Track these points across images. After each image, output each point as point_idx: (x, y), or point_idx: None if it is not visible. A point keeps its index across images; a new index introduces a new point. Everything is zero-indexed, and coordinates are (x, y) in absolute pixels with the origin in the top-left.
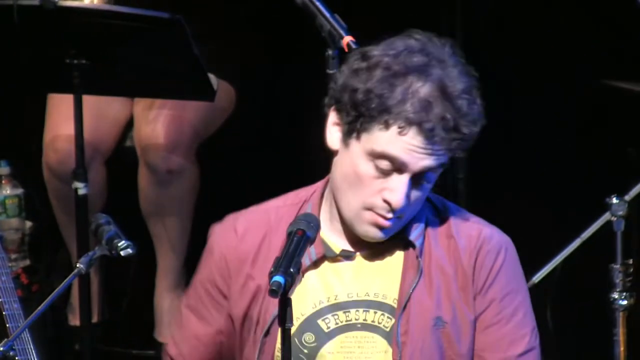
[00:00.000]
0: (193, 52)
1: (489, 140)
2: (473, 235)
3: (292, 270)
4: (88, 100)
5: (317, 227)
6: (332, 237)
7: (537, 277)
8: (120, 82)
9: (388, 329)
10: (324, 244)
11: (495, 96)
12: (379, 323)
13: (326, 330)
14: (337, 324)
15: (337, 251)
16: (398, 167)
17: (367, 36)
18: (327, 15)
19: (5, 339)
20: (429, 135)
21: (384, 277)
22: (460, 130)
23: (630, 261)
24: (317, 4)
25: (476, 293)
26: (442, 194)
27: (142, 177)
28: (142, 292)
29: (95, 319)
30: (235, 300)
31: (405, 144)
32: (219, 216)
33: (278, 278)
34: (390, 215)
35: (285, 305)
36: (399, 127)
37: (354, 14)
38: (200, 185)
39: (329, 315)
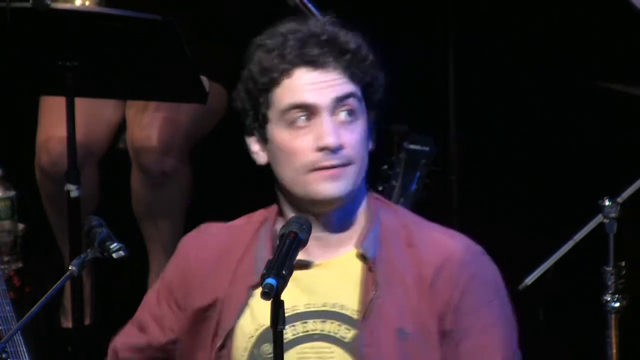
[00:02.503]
0: (185, 55)
1: (482, 142)
2: (438, 246)
3: (284, 272)
4: (81, 102)
5: (309, 230)
6: None
7: (530, 279)
8: (113, 84)
9: (347, 340)
10: None
11: (489, 97)
12: (336, 334)
13: (284, 342)
14: (294, 334)
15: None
16: (311, 111)
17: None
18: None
19: None
20: (313, 61)
21: (343, 287)
22: (339, 43)
23: (623, 263)
24: (309, 5)
25: (444, 307)
26: (436, 195)
27: (134, 179)
28: (134, 294)
29: (87, 321)
30: (190, 312)
31: (301, 84)
32: (212, 218)
33: (270, 280)
34: (335, 161)
35: (277, 308)
36: (286, 73)
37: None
38: (193, 187)
39: (287, 326)
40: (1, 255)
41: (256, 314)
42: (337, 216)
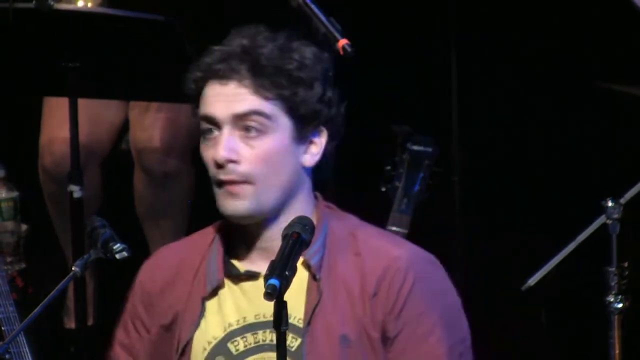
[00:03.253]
0: (188, 55)
1: (484, 143)
2: (381, 254)
3: (287, 273)
4: (84, 103)
5: (312, 230)
6: (237, 258)
7: (533, 280)
8: (115, 85)
9: (294, 349)
10: (229, 264)
11: (490, 98)
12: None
13: (235, 353)
14: (246, 346)
15: (242, 271)
16: (216, 124)
17: (362, 39)
18: (322, 18)
19: (1, 342)
20: (219, 74)
21: (290, 296)
22: (253, 56)
23: (626, 264)
24: (312, 6)
25: (386, 315)
26: (438, 196)
27: (137, 180)
28: None
29: (90, 322)
30: (154, 331)
31: (208, 96)
32: (214, 219)
33: (273, 281)
34: (226, 177)
35: (280, 308)
36: (201, 84)
37: (350, 17)
38: (197, 188)
39: (238, 338)
40: (4, 256)
41: (209, 327)
42: (269, 228)
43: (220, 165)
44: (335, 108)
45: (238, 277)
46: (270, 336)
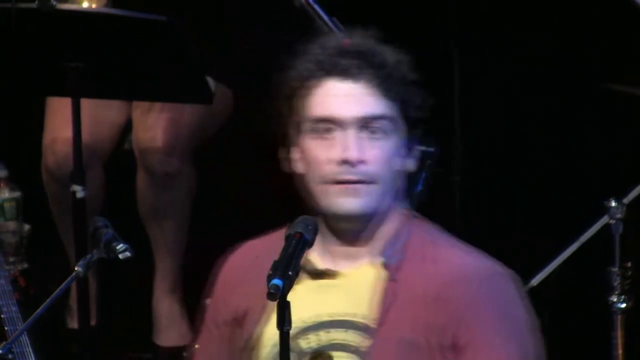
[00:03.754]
0: (190, 55)
1: (485, 143)
2: (455, 263)
3: (290, 273)
4: (86, 103)
5: (315, 230)
6: (318, 255)
7: (536, 280)
8: (118, 85)
9: (364, 349)
10: (308, 261)
11: (492, 98)
12: (356, 343)
13: (306, 350)
14: (318, 343)
15: (321, 268)
16: (337, 124)
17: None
18: (325, 18)
19: (4, 342)
20: (345, 71)
21: (365, 297)
22: (376, 57)
23: (629, 264)
24: (315, 7)
25: (457, 322)
26: (439, 196)
27: (140, 180)
28: (140, 294)
29: (93, 322)
30: (230, 323)
31: (329, 95)
32: (216, 219)
33: (276, 281)
34: (353, 177)
35: (283, 309)
36: (318, 81)
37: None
38: (198, 189)
39: (311, 335)
40: (7, 256)
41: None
42: (364, 230)
43: (349, 165)
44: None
45: (316, 275)
46: (343, 335)
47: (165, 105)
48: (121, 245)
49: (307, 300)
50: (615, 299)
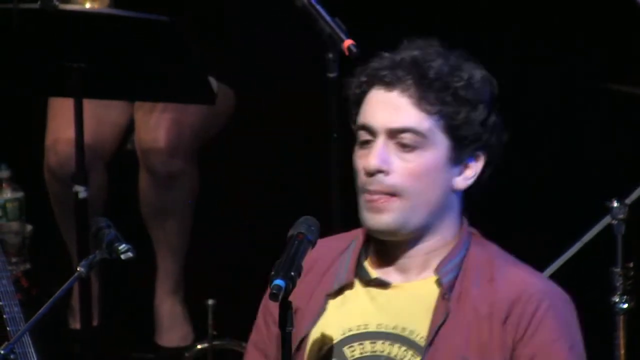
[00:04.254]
0: (192, 56)
1: None
2: (515, 281)
3: (292, 273)
4: (89, 104)
5: (318, 231)
6: (371, 264)
7: None
8: (120, 85)
9: None
10: (362, 268)
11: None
12: (399, 358)
13: (348, 357)
14: (362, 353)
15: (373, 277)
16: (372, 133)
17: (366, 39)
18: (327, 18)
19: (6, 343)
20: (385, 81)
21: (416, 312)
22: (421, 68)
23: (631, 264)
24: (317, 7)
25: (517, 341)
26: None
27: (142, 180)
28: (142, 295)
29: (95, 322)
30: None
31: (371, 103)
32: (219, 219)
33: (278, 282)
34: (374, 186)
35: (286, 309)
36: (366, 90)
37: (354, 18)
38: (201, 189)
39: (356, 344)
40: (9, 257)
41: (328, 327)
42: (408, 244)
43: (369, 174)
44: (496, 135)
45: (368, 283)
46: (389, 348)
47: (168, 105)
48: (123, 245)
49: (356, 308)
50: (617, 300)
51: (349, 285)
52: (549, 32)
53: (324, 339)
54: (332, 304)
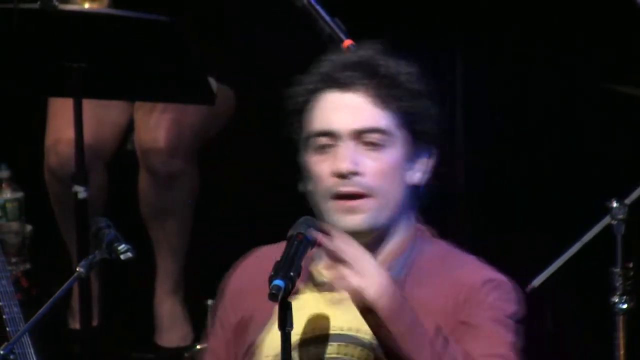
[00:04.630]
0: (192, 56)
1: (488, 143)
2: (461, 276)
3: (292, 274)
4: (89, 104)
5: (318, 231)
6: (325, 267)
7: (538, 281)
8: (120, 85)
9: None
10: (315, 272)
11: (494, 98)
12: (356, 359)
13: None
14: (317, 356)
15: (328, 280)
16: (334, 136)
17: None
18: (327, 19)
19: (5, 343)
20: (339, 82)
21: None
22: (373, 66)
23: (631, 265)
24: (317, 8)
25: (456, 315)
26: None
27: (142, 180)
28: (142, 295)
29: (95, 323)
30: (234, 330)
31: (326, 107)
32: (218, 219)
33: (278, 282)
34: (350, 189)
35: (285, 309)
36: (315, 96)
37: (354, 18)
38: (201, 189)
39: (310, 347)
40: (9, 257)
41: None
42: (369, 244)
43: (342, 177)
44: (440, 127)
45: (323, 287)
46: (344, 350)
47: (168, 105)
48: (123, 245)
49: (309, 313)
50: (617, 300)
51: (299, 291)
52: (549, 32)
53: (275, 345)
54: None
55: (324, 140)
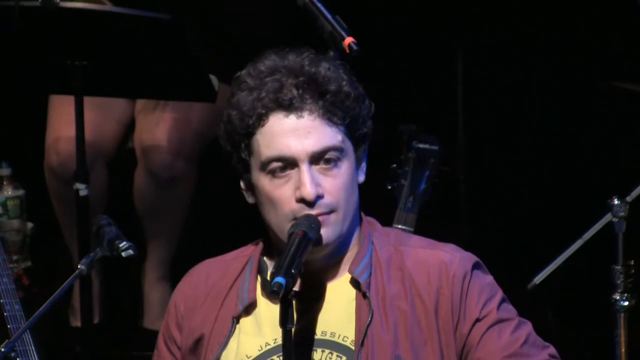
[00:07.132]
0: (193, 53)
1: (489, 141)
2: (431, 264)
3: (293, 271)
4: (90, 102)
5: (318, 229)
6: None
7: (539, 278)
8: (121, 83)
9: None
10: (267, 283)
11: (496, 97)
12: None
13: None
14: None
15: (295, 290)
16: (289, 162)
17: (368, 37)
18: (328, 16)
19: (7, 340)
20: (288, 105)
21: (338, 315)
22: (318, 84)
23: (632, 262)
24: (318, 5)
25: (455, 323)
26: (444, 194)
27: (139, 178)
28: (143, 293)
29: (96, 320)
30: (184, 351)
31: (278, 132)
32: (219, 219)
33: (279, 279)
34: (316, 211)
35: (286, 306)
36: (262, 119)
37: (355, 16)
38: (201, 189)
39: (274, 357)
40: (10, 254)
41: (241, 347)
42: (336, 250)
43: (308, 203)
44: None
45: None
46: (319, 355)
47: (170, 103)
48: (124, 243)
49: (271, 323)
50: (618, 297)
51: (254, 305)
52: (549, 31)
53: (240, 359)
54: (244, 324)
55: (278, 165)
